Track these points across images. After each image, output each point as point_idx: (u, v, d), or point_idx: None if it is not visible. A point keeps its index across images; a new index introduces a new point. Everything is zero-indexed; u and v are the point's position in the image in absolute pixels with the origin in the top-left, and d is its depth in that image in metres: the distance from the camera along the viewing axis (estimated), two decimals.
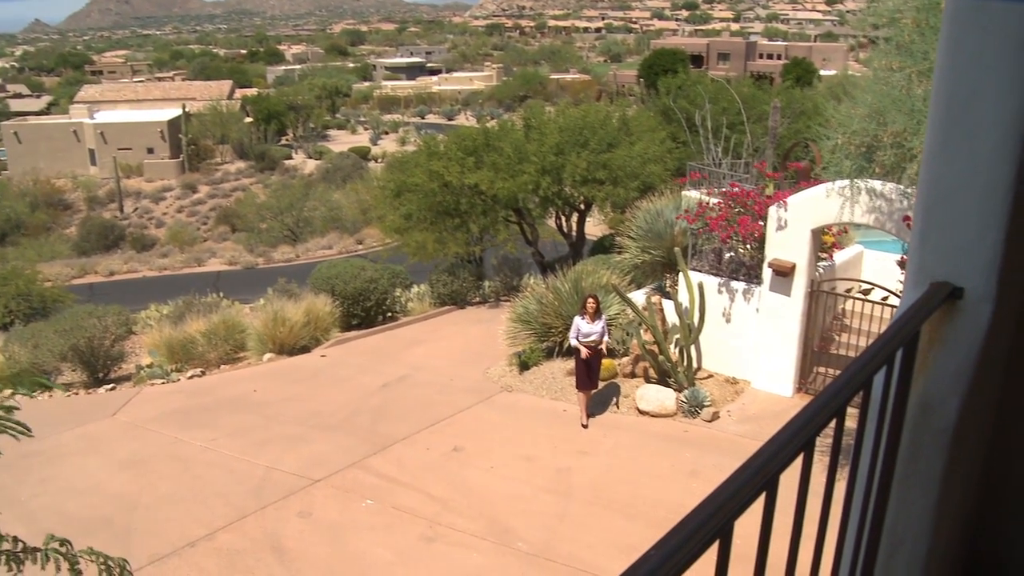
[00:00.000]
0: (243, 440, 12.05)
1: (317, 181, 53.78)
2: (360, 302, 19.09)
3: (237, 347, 17.89)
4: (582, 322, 11.67)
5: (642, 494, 9.92)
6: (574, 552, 8.75)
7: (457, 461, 11.04)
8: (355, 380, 14.74)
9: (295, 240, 42.32)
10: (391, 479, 10.56)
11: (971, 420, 2.24)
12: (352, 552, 8.93)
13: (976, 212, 2.09)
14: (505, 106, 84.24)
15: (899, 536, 2.30)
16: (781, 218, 11.99)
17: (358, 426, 12.39)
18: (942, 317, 2.17)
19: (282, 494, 10.23)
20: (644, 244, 15.74)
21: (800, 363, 12.53)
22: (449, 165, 20.08)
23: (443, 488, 10.27)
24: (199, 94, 73.07)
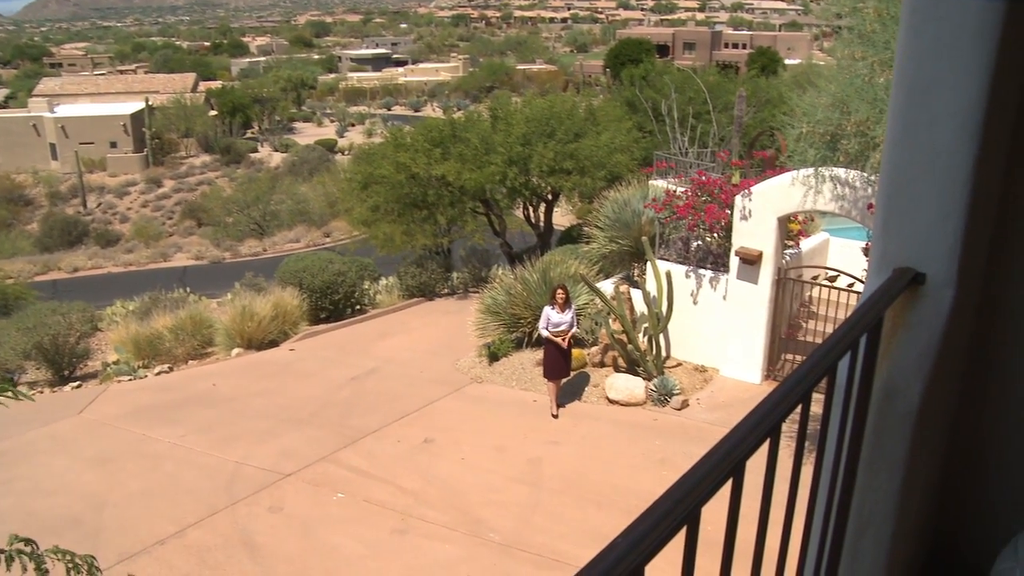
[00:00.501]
0: (212, 436, 11.95)
1: (283, 174, 53.32)
2: (328, 295, 18.98)
3: (205, 342, 17.72)
4: (552, 312, 11.69)
5: (613, 483, 9.97)
6: (546, 542, 8.78)
7: (428, 453, 11.03)
8: (324, 373, 14.67)
9: (262, 234, 41.97)
10: (362, 472, 10.53)
11: (934, 404, 2.27)
12: (324, 546, 8.90)
13: (937, 199, 2.12)
14: (471, 97, 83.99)
15: (865, 519, 2.33)
16: (747, 206, 12.08)
17: (328, 419, 12.33)
18: (905, 303, 2.20)
19: (252, 489, 10.17)
20: (612, 234, 15.79)
21: (768, 350, 12.65)
22: (416, 157, 20.00)
23: (414, 480, 10.26)
24: (162, 87, 72.00)
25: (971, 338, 2.50)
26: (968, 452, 2.67)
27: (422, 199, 20.67)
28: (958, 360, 2.44)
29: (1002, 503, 2.62)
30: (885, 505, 2.31)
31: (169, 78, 78.02)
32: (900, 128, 2.15)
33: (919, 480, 2.41)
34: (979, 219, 2.20)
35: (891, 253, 2.23)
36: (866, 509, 2.32)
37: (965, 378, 2.56)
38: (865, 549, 2.35)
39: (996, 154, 2.22)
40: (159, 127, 61.10)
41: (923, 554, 2.78)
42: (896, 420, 2.24)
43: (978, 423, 2.63)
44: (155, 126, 60.30)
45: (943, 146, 2.08)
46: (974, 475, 2.69)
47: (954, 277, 2.15)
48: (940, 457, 2.62)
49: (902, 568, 2.51)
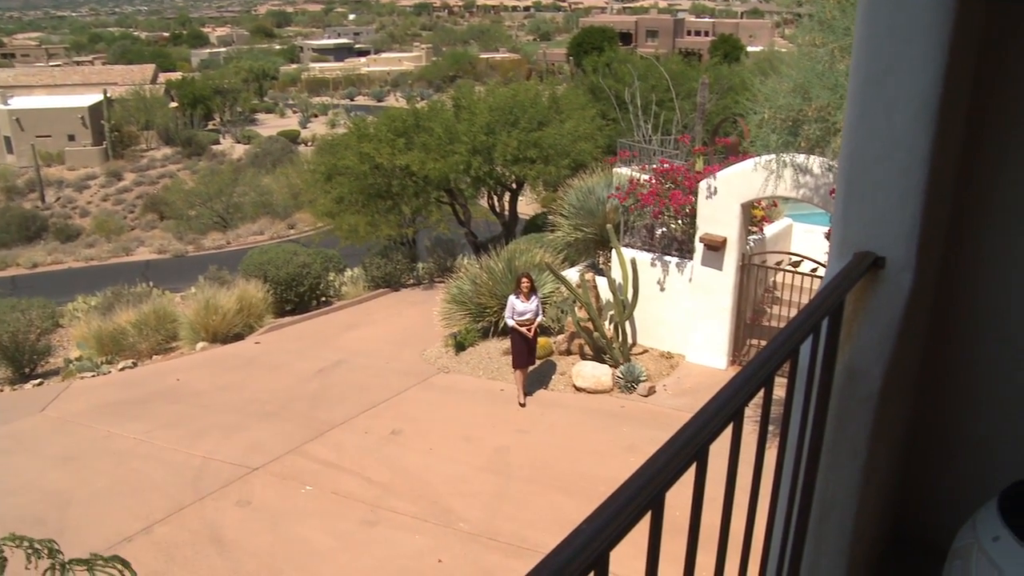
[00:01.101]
0: (178, 431, 11.83)
1: (246, 166, 52.72)
2: (293, 287, 18.85)
3: (169, 337, 17.53)
4: (517, 301, 11.70)
5: (581, 470, 10.02)
6: (515, 530, 8.81)
7: (396, 444, 11.01)
8: (291, 366, 14.57)
9: (225, 227, 41.53)
10: (330, 464, 10.48)
11: (895, 386, 2.30)
12: (293, 539, 8.86)
13: (895, 183, 2.14)
14: (435, 86, 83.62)
15: (829, 502, 2.35)
16: (711, 193, 12.16)
17: (295, 412, 12.26)
18: (865, 286, 2.22)
19: (220, 484, 10.09)
20: (576, 222, 15.81)
21: (733, 336, 12.76)
22: (380, 147, 19.89)
23: (383, 471, 10.23)
24: (121, 79, 70.78)
25: (930, 321, 2.54)
26: (929, 433, 2.71)
27: (386, 189, 20.57)
28: (918, 343, 2.47)
29: (962, 483, 2.66)
30: (848, 487, 2.34)
31: (128, 69, 76.73)
32: (858, 114, 2.17)
33: (881, 462, 2.43)
34: (936, 203, 2.22)
35: (851, 237, 2.25)
36: (829, 491, 2.34)
37: (925, 360, 2.60)
38: (829, 531, 2.38)
39: (951, 139, 2.25)
40: (118, 119, 60.10)
41: (886, 535, 2.81)
42: (858, 403, 2.26)
43: (938, 404, 2.67)
44: (114, 118, 59.30)
45: (900, 131, 2.10)
46: (935, 456, 2.73)
47: (913, 260, 2.17)
48: (902, 439, 2.66)
49: (865, 549, 2.54)
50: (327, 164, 21.92)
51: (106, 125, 58.53)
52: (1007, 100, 2.34)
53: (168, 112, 63.00)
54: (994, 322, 2.51)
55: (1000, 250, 2.45)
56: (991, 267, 2.48)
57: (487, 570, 8.20)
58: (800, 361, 1.87)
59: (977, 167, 2.41)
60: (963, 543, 2.00)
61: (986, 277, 2.49)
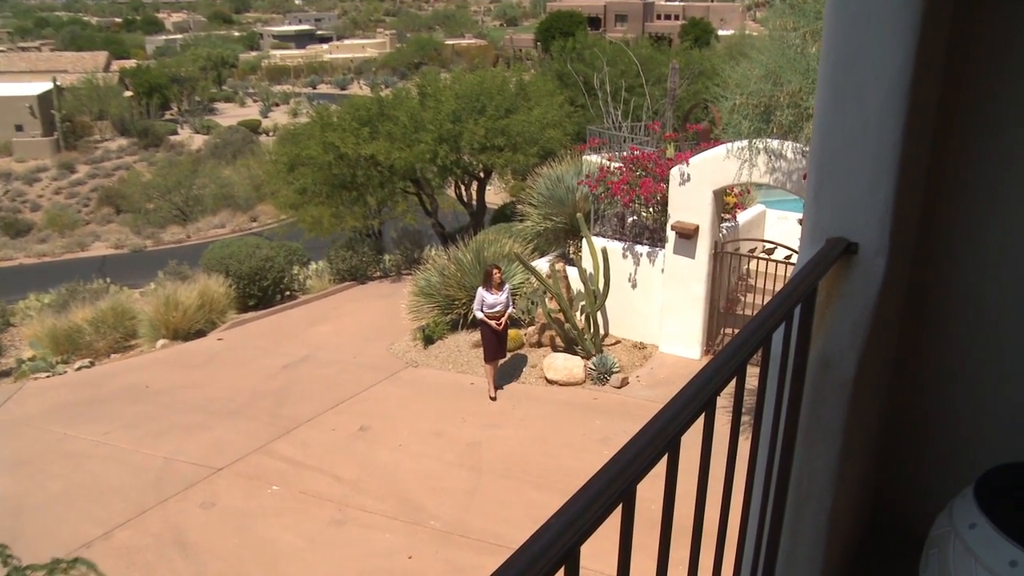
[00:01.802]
0: (139, 431, 11.71)
1: (206, 157, 52.16)
2: (256, 282, 18.71)
3: (128, 335, 17.32)
4: (486, 293, 11.70)
5: (554, 464, 10.05)
6: (487, 527, 8.82)
7: (364, 441, 10.99)
8: (255, 363, 14.48)
9: (185, 220, 41.08)
10: (297, 463, 10.43)
11: (869, 373, 2.32)
12: (260, 540, 8.81)
13: (867, 167, 2.15)
14: (399, 74, 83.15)
15: (805, 491, 2.37)
16: (683, 180, 12.21)
17: (260, 410, 12.18)
18: (838, 272, 2.24)
19: (183, 485, 10.00)
20: (546, 211, 15.83)
21: (707, 325, 12.84)
22: (343, 136, 19.77)
23: (351, 469, 10.21)
24: (71, 66, 69.60)
25: (904, 306, 2.56)
26: (904, 421, 2.74)
27: (351, 180, 20.46)
28: (892, 328, 2.49)
29: (938, 470, 2.69)
30: (824, 476, 2.35)
31: (78, 56, 75.47)
32: (829, 97, 2.18)
33: (857, 450, 2.46)
34: (909, 187, 2.24)
35: (824, 223, 2.26)
36: (805, 481, 2.36)
37: (899, 347, 2.63)
38: (805, 521, 2.40)
39: (924, 122, 2.27)
40: (70, 109, 59.13)
41: (863, 523, 2.85)
42: (832, 390, 2.28)
43: (913, 391, 2.70)
44: (65, 108, 58.34)
45: (871, 114, 2.11)
46: (911, 443, 2.76)
47: (886, 246, 2.19)
48: (877, 426, 2.68)
49: (843, 538, 2.56)
50: (290, 155, 21.77)
51: (56, 115, 57.57)
52: (979, 83, 2.36)
53: (123, 101, 62.09)
54: (969, 306, 2.54)
55: (975, 234, 2.48)
56: (966, 251, 2.50)
57: (459, 568, 8.21)
58: (773, 349, 1.88)
59: (950, 150, 2.44)
60: (940, 531, 2.02)
61: (961, 261, 2.51)
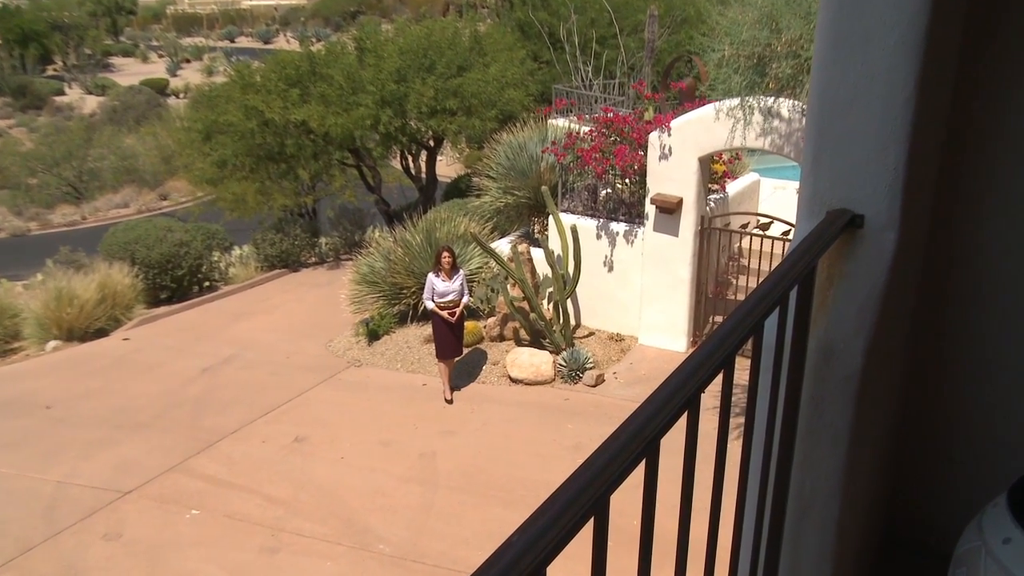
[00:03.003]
0: (23, 452, 11.52)
1: (102, 123, 51.26)
2: (169, 271, 18.51)
3: (9, 336, 17.04)
4: (437, 280, 11.68)
5: (520, 476, 10.08)
6: (446, 550, 8.83)
7: (300, 453, 10.94)
8: (169, 366, 14.34)
9: (79, 198, 40.42)
10: (221, 482, 10.37)
11: (879, 364, 2.31)
12: (176, 575, 8.75)
13: (874, 127, 2.14)
14: (333, 25, 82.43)
15: (807, 500, 2.37)
16: (663, 146, 12.25)
17: (176, 421, 12.08)
18: (841, 249, 2.23)
19: (81, 514, 9.87)
20: (506, 184, 15.81)
21: (693, 312, 12.92)
22: (269, 99, 19.59)
23: (285, 487, 10.16)
24: None
25: (919, 288, 2.55)
26: (922, 419, 2.74)
27: (279, 151, 20.31)
28: (905, 313, 2.48)
29: (963, 476, 2.68)
30: (828, 483, 2.36)
31: None
32: (830, 47, 2.16)
33: (866, 453, 2.45)
34: (924, 150, 2.22)
35: (823, 193, 2.25)
36: (807, 489, 2.36)
37: (914, 334, 2.62)
38: (808, 535, 2.40)
39: (942, 73, 2.24)
40: None
41: (876, 537, 2.85)
42: (836, 385, 2.27)
43: (931, 386, 2.69)
44: None
45: (880, 66, 2.09)
46: (930, 445, 2.75)
47: (896, 218, 2.18)
48: (889, 426, 2.68)
49: (852, 556, 2.57)
50: (205, 121, 21.51)
51: None
52: (1010, 30, 2.35)
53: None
54: (995, 288, 2.52)
55: (1004, 205, 2.46)
56: (991, 224, 2.48)
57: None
58: (766, 338, 1.88)
59: (974, 107, 2.41)
60: (968, 547, 2.00)
61: (985, 236, 2.50)
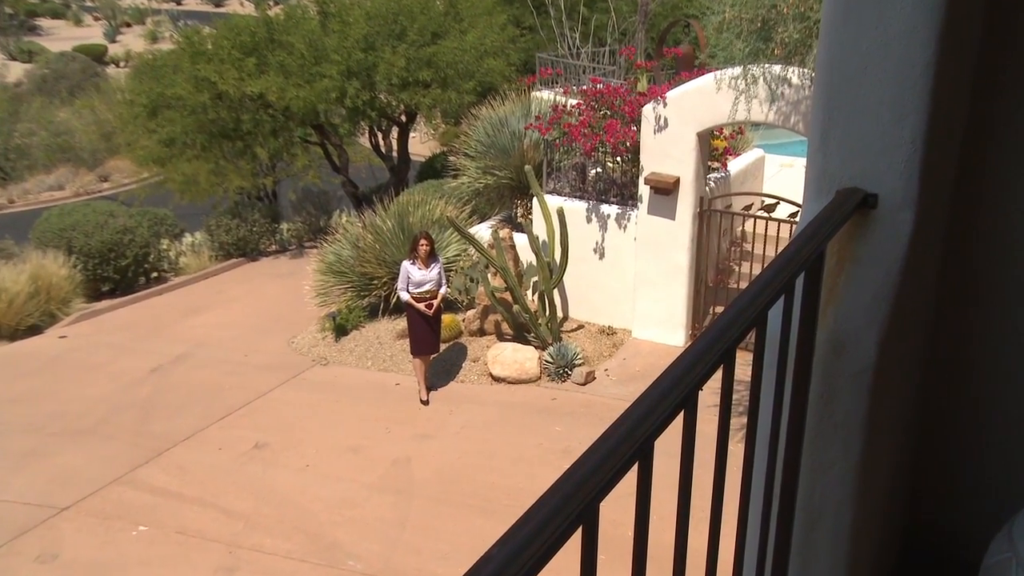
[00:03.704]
0: None
1: (30, 93, 50.73)
2: (112, 261, 18.41)
3: None
4: (412, 269, 11.67)
5: (504, 484, 10.08)
6: (422, 566, 8.83)
7: (261, 461, 10.92)
8: (113, 366, 14.28)
9: (5, 179, 40.17)
10: (172, 494, 10.33)
11: (895, 358, 2.30)
12: None
13: (890, 96, 2.13)
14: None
15: (816, 509, 2.37)
16: (659, 120, 12.25)
17: (121, 427, 12.03)
18: (852, 231, 2.22)
19: (10, 534, 9.79)
20: (486, 164, 15.80)
21: (692, 303, 12.94)
22: (222, 70, 19.47)
23: (244, 499, 10.14)
24: None
25: (940, 274, 2.54)
26: (943, 419, 2.73)
27: (234, 127, 20.21)
28: (923, 302, 2.48)
29: (989, 480, 2.68)
30: (841, 489, 2.36)
31: None
32: (840, 7, 2.16)
33: (882, 455, 2.45)
34: (946, 121, 2.21)
35: (833, 170, 2.24)
36: (817, 495, 2.36)
37: (933, 324, 2.62)
38: (819, 545, 2.40)
39: (966, 35, 2.23)
40: None
41: (893, 548, 2.86)
42: (848, 381, 2.27)
43: (953, 380, 2.69)
44: None
45: (896, 28, 2.08)
46: (952, 446, 2.75)
47: (914, 197, 2.18)
48: (907, 425, 2.68)
49: (868, 566, 2.57)
50: (150, 93, 21.34)
51: None
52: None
53: None
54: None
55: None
56: (1020, 203, 2.48)
57: None
58: (770, 330, 1.87)
59: (1001, 72, 2.40)
60: (998, 558, 2.00)
61: (1014, 216, 2.50)
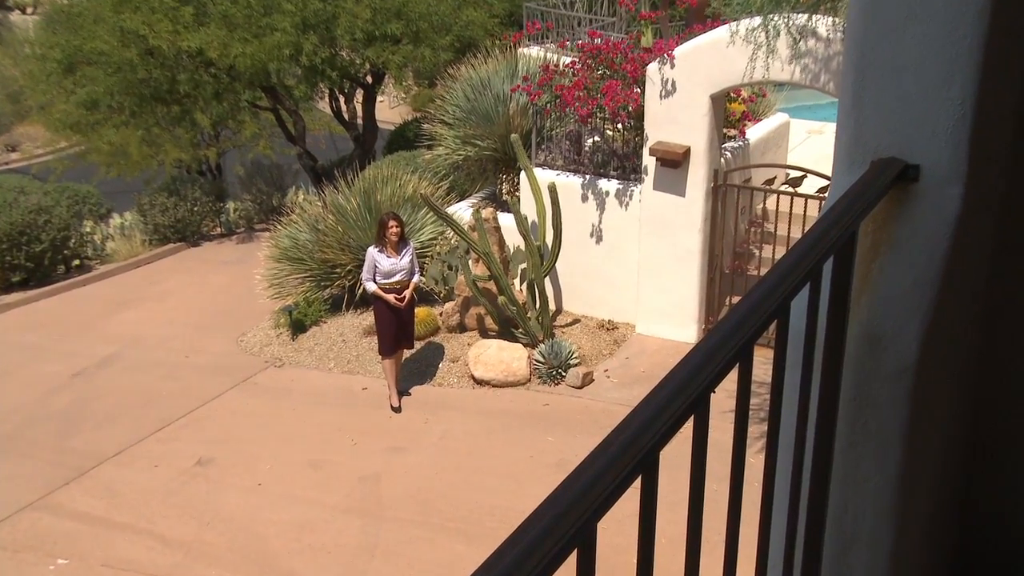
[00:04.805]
0: None
1: None
2: (23, 246, 18.28)
3: None
4: (381, 256, 11.62)
5: (489, 503, 10.08)
6: None
7: (205, 480, 10.90)
8: (25, 371, 14.22)
9: None
10: (98, 520, 10.31)
11: (940, 355, 2.30)
12: None
13: (935, 51, 2.12)
14: None
15: (850, 530, 2.37)
16: (666, 81, 12.24)
17: (36, 443, 11.99)
18: (890, 209, 2.22)
19: None
20: (466, 132, 15.78)
21: (705, 292, 12.93)
22: (153, 21, 19.28)
23: (184, 524, 10.12)
24: None
25: (990, 258, 2.53)
26: (996, 425, 2.73)
27: (169, 89, 20.06)
28: (972, 289, 2.47)
29: None
30: (878, 507, 2.36)
31: None
32: None
33: (927, 470, 2.45)
34: (1001, 79, 2.20)
35: (867, 137, 2.23)
36: (850, 516, 2.36)
37: (985, 315, 2.61)
38: (853, 573, 2.40)
39: None
40: None
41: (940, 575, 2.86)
42: (885, 383, 2.27)
43: (1008, 380, 2.68)
44: None
45: None
46: (1007, 457, 2.74)
47: (962, 168, 2.18)
48: (954, 433, 2.67)
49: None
50: (65, 47, 21.04)
51: None
52: None
53: None
54: None
55: None
56: None
57: None
58: (793, 323, 1.86)
59: None
60: None
61: None
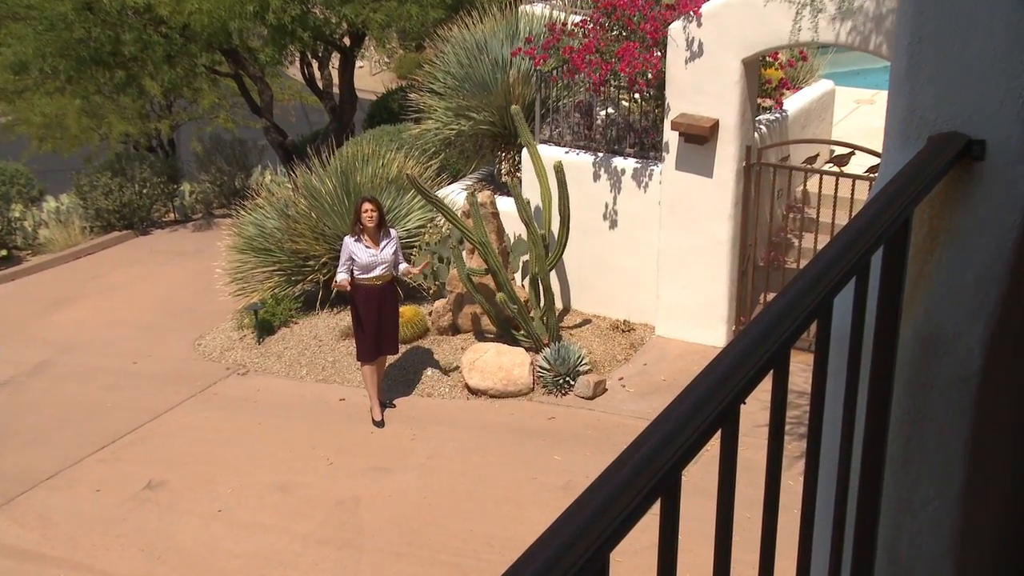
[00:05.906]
0: None
1: None
2: None
3: None
4: (358, 247, 11.58)
5: (485, 532, 10.08)
6: None
7: (156, 506, 10.90)
8: None
9: None
10: (28, 554, 10.31)
11: (1008, 360, 2.30)
12: None
13: (1004, 13, 2.13)
14: None
15: (905, 563, 2.38)
16: (691, 43, 12.23)
17: None
18: (950, 191, 2.22)
19: None
20: (459, 103, 15.78)
21: (736, 289, 12.93)
22: None
23: (131, 557, 10.12)
24: None
25: None
26: None
27: (112, 51, 19.94)
28: None
29: None
30: (936, 538, 2.36)
31: None
32: None
33: (994, 493, 2.46)
34: None
35: (924, 108, 2.24)
36: (904, 546, 2.37)
37: None
38: None
39: None
40: None
41: None
42: (944, 392, 2.27)
43: None
44: None
45: None
46: None
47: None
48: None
49: None
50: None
51: None
52: None
53: None
54: None
55: None
56: None
57: None
58: (836, 324, 1.86)
59: None
60: None
61: None
